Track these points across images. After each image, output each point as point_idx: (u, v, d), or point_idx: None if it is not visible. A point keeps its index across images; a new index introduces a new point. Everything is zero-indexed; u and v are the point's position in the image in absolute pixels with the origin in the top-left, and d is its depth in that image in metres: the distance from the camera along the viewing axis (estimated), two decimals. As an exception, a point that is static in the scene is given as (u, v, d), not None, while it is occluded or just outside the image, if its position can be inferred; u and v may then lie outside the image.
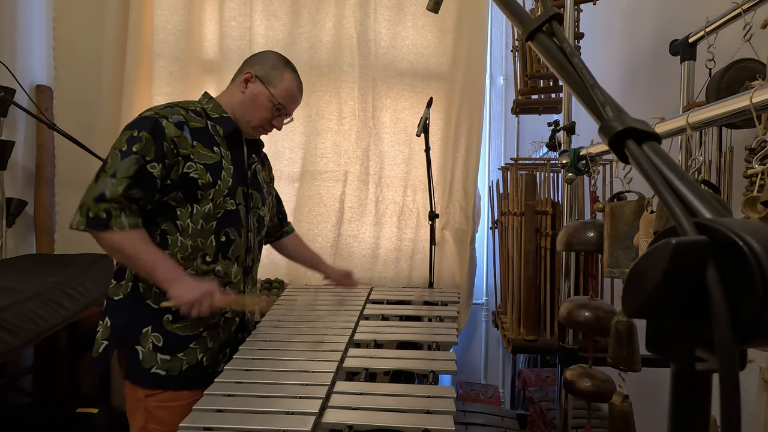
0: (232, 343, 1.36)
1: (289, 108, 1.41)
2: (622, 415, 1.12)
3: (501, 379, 3.27)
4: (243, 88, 1.36)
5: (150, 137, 1.19)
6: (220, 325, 1.33)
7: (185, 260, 1.26)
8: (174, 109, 1.27)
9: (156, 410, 1.23)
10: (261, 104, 1.35)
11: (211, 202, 1.27)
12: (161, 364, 1.24)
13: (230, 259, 1.34)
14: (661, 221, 0.88)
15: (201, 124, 1.30)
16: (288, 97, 1.38)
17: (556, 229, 1.99)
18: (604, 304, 1.27)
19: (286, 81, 1.38)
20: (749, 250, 0.26)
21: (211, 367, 1.30)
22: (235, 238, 1.34)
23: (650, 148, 0.37)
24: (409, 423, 0.88)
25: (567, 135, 1.57)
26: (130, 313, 1.25)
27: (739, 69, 1.07)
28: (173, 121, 1.23)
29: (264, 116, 1.37)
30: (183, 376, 1.25)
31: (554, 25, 0.47)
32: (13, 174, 2.35)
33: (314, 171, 2.65)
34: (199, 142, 1.27)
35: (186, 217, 1.25)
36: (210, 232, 1.29)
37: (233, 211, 1.32)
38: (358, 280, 1.70)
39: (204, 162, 1.26)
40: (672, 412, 0.31)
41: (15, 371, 2.12)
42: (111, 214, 1.14)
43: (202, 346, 1.29)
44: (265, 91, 1.35)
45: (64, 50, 2.51)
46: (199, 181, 1.24)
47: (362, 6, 2.63)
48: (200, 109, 1.34)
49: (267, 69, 1.37)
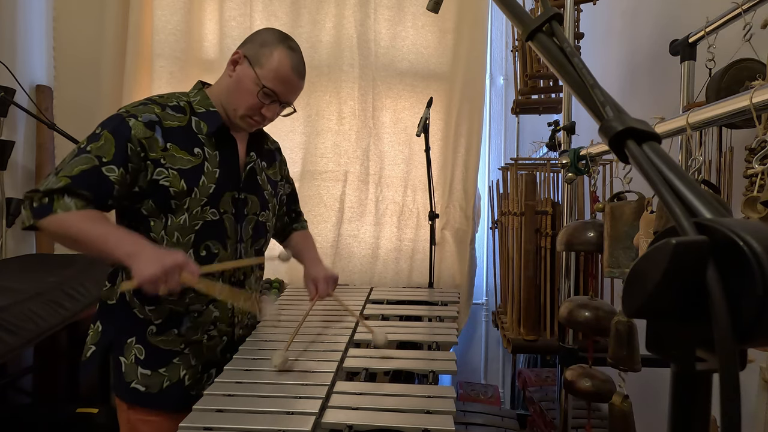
0: (218, 363, 1.20)
1: (282, 93, 1.17)
2: (622, 415, 1.12)
3: (501, 379, 3.27)
4: (231, 71, 1.18)
5: (111, 137, 1.05)
6: (204, 342, 1.21)
7: None
8: (147, 106, 1.13)
9: (138, 424, 1.16)
10: (246, 88, 1.15)
11: (186, 212, 1.12)
12: (141, 378, 1.14)
13: (214, 276, 1.18)
14: (661, 221, 0.88)
15: (180, 122, 1.14)
16: (277, 78, 1.15)
17: (556, 229, 1.99)
18: (604, 304, 1.27)
19: (276, 59, 1.14)
20: (749, 250, 0.26)
21: (193, 388, 1.18)
22: (219, 252, 1.18)
23: (650, 148, 0.37)
24: (409, 423, 0.88)
25: (567, 135, 1.57)
26: (118, 320, 1.16)
27: (739, 69, 1.07)
28: (143, 120, 1.09)
29: (250, 103, 1.15)
30: (163, 394, 1.15)
31: (554, 25, 0.47)
32: (13, 174, 2.35)
33: (314, 171, 2.65)
34: (174, 144, 1.11)
35: (159, 229, 1.12)
36: (188, 245, 1.14)
37: (215, 221, 1.17)
38: (327, 292, 1.38)
39: (178, 167, 1.11)
40: (672, 412, 0.31)
41: (15, 371, 2.12)
42: (53, 199, 1.01)
43: (185, 363, 1.18)
44: (251, 73, 1.14)
45: (64, 50, 2.51)
46: (171, 190, 1.10)
47: (362, 6, 2.63)
48: (184, 104, 1.18)
49: (256, 47, 1.16)
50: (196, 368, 1.20)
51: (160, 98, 1.18)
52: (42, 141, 2.48)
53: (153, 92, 2.52)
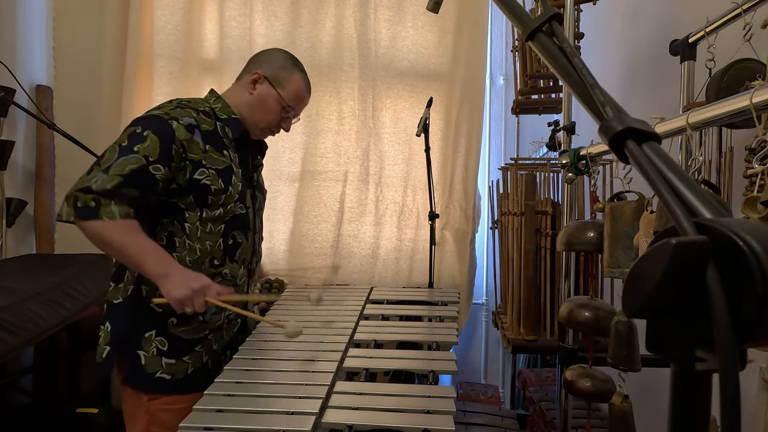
0: (234, 344, 1.35)
1: (298, 109, 1.39)
2: (622, 415, 1.12)
3: (501, 379, 3.27)
4: (251, 89, 1.32)
5: (156, 138, 1.14)
6: (224, 327, 1.32)
7: (194, 263, 1.24)
8: (185, 110, 1.22)
9: (159, 413, 1.21)
10: (270, 106, 1.32)
11: (222, 207, 1.25)
12: (166, 368, 1.22)
13: (237, 262, 1.31)
14: (661, 221, 0.88)
15: (211, 127, 1.26)
16: (297, 98, 1.36)
17: (556, 229, 1.99)
18: (604, 304, 1.27)
19: (296, 82, 1.35)
20: (749, 250, 0.26)
21: (214, 370, 1.28)
22: (242, 241, 1.32)
23: (650, 148, 0.37)
24: (409, 423, 0.88)
25: (567, 135, 1.57)
26: (131, 316, 1.21)
27: (739, 69, 1.07)
28: (184, 123, 1.19)
29: (272, 118, 1.34)
30: (188, 379, 1.24)
31: (554, 25, 0.47)
32: (13, 174, 2.35)
33: (314, 171, 2.65)
34: (211, 146, 1.23)
35: (195, 221, 1.23)
36: (218, 235, 1.26)
37: (242, 214, 1.31)
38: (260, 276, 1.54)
39: (216, 167, 1.23)
40: (672, 412, 0.31)
41: (15, 371, 2.12)
42: (100, 203, 1.09)
43: (207, 348, 1.28)
44: (274, 93, 1.32)
45: (64, 50, 2.50)
46: (211, 188, 1.22)
47: (362, 6, 2.63)
48: (209, 109, 1.29)
49: (275, 69, 1.33)
50: (216, 352, 1.31)
51: (190, 103, 1.27)
52: (42, 141, 2.48)
53: (153, 92, 2.52)
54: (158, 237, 1.21)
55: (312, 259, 2.59)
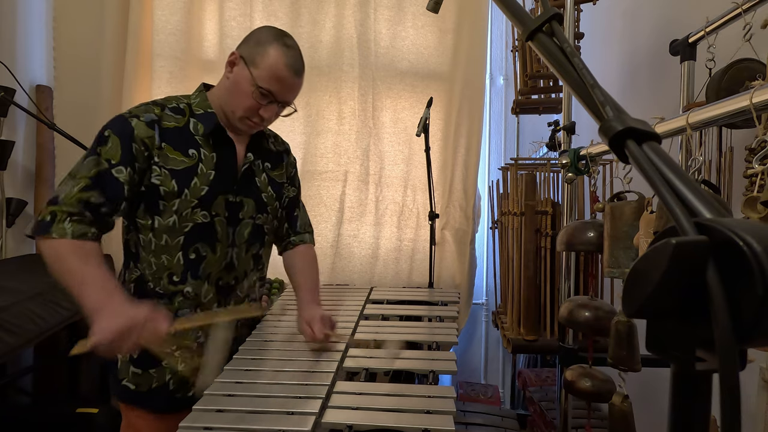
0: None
1: (278, 92, 1.14)
2: (622, 415, 1.12)
3: (501, 379, 3.27)
4: (228, 73, 1.16)
5: (117, 138, 1.06)
6: (194, 350, 1.18)
7: (153, 279, 1.14)
8: (148, 106, 1.13)
9: (134, 419, 1.19)
10: (242, 89, 1.12)
11: (175, 214, 1.11)
12: (132, 377, 1.17)
13: (200, 278, 1.17)
14: (661, 221, 0.88)
15: (178, 123, 1.14)
16: (273, 77, 1.12)
17: (556, 229, 1.99)
18: (604, 304, 1.27)
19: (271, 58, 1.11)
20: (749, 250, 0.26)
21: (179, 392, 1.19)
22: (207, 255, 1.16)
23: (650, 148, 0.37)
24: (409, 423, 0.88)
25: (567, 135, 1.57)
26: None
27: (739, 69, 1.07)
28: (145, 119, 1.09)
29: (247, 104, 1.13)
30: (150, 394, 1.17)
31: (554, 25, 0.47)
32: (13, 174, 2.35)
33: (314, 171, 2.65)
34: (168, 144, 1.11)
35: (147, 231, 1.11)
36: (177, 248, 1.13)
37: (206, 224, 1.15)
38: (329, 336, 1.22)
39: (170, 167, 1.10)
40: (672, 412, 0.31)
41: (15, 371, 2.12)
42: (55, 218, 0.98)
43: (172, 366, 1.17)
44: (247, 73, 1.12)
45: (64, 50, 2.51)
46: (161, 189, 1.09)
47: (362, 6, 2.63)
48: (184, 106, 1.17)
49: (251, 46, 1.14)
50: (182, 373, 1.17)
51: (161, 100, 1.18)
52: (42, 141, 2.48)
53: (153, 92, 2.52)
54: (128, 250, 1.16)
55: (312, 259, 2.58)
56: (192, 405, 0.94)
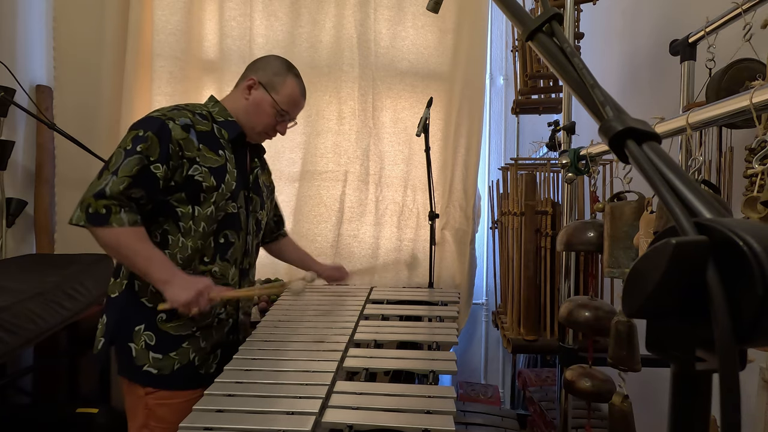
0: (224, 344, 1.37)
1: (293, 113, 1.43)
2: (622, 415, 1.12)
3: (501, 379, 3.27)
4: (246, 95, 1.38)
5: (155, 138, 1.20)
6: (213, 326, 1.34)
7: (184, 261, 1.27)
8: (181, 111, 1.28)
9: (156, 408, 1.24)
10: (264, 111, 1.37)
11: (213, 204, 1.28)
12: (153, 362, 1.24)
13: (228, 261, 1.34)
14: (661, 221, 0.88)
15: (207, 128, 1.31)
16: (291, 102, 1.40)
17: (556, 229, 1.99)
18: (604, 304, 1.27)
19: (289, 87, 1.39)
20: (749, 250, 0.26)
21: (202, 368, 1.31)
22: (234, 241, 1.35)
23: (650, 148, 0.37)
24: (409, 423, 0.88)
25: (567, 135, 1.57)
26: (124, 310, 1.26)
27: (739, 69, 1.07)
28: (180, 123, 1.25)
29: (268, 122, 1.39)
30: (174, 375, 1.26)
31: (554, 25, 0.47)
32: (13, 174, 2.35)
33: (314, 171, 2.65)
34: (204, 145, 1.28)
35: (188, 219, 1.26)
36: (210, 234, 1.30)
37: (234, 214, 1.34)
38: (350, 273, 1.74)
39: (209, 165, 1.28)
40: (672, 412, 0.31)
41: (15, 371, 2.12)
42: (111, 210, 1.15)
43: (194, 346, 1.29)
44: (268, 98, 1.37)
45: (64, 50, 2.50)
46: (203, 184, 1.26)
47: (362, 6, 2.63)
48: (206, 113, 1.35)
49: (270, 75, 1.38)
50: (204, 350, 1.32)
51: (189, 106, 1.34)
52: (42, 141, 2.48)
53: (153, 92, 2.52)
54: (152, 235, 1.25)
55: (312, 259, 2.59)
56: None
